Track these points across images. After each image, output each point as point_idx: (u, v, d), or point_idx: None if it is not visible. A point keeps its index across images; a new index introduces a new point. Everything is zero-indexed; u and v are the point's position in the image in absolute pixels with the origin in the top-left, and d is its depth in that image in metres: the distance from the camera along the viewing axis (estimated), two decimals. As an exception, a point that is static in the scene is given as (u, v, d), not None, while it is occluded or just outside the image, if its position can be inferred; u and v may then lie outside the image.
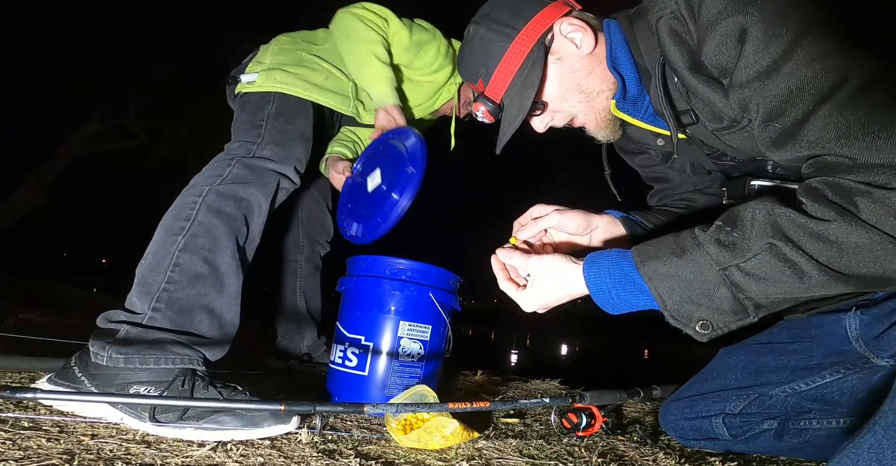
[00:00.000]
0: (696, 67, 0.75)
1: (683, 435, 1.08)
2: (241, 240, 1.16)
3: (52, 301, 4.39)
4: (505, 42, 0.89)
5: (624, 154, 1.14)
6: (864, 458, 0.61)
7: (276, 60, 1.44)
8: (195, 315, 1.06)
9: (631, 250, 0.73)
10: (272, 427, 0.92)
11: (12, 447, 0.75)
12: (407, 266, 1.26)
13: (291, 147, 1.30)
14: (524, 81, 0.89)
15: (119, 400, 0.89)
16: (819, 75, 0.61)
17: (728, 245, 0.65)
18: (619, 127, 0.97)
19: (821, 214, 0.60)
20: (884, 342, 0.86)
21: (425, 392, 1.05)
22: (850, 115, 0.59)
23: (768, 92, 0.65)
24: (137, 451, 0.80)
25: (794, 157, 0.67)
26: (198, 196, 1.14)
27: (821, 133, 0.62)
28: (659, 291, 0.69)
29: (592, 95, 0.91)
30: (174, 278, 1.06)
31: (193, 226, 1.10)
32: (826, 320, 0.95)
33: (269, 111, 1.34)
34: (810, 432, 0.98)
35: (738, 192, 0.89)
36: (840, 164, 0.61)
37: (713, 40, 0.68)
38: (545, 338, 15.24)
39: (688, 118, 0.84)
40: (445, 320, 1.30)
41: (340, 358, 1.26)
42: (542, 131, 0.97)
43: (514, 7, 0.91)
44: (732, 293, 0.65)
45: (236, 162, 1.22)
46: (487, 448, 0.98)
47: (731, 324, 0.68)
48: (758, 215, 0.64)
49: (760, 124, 0.69)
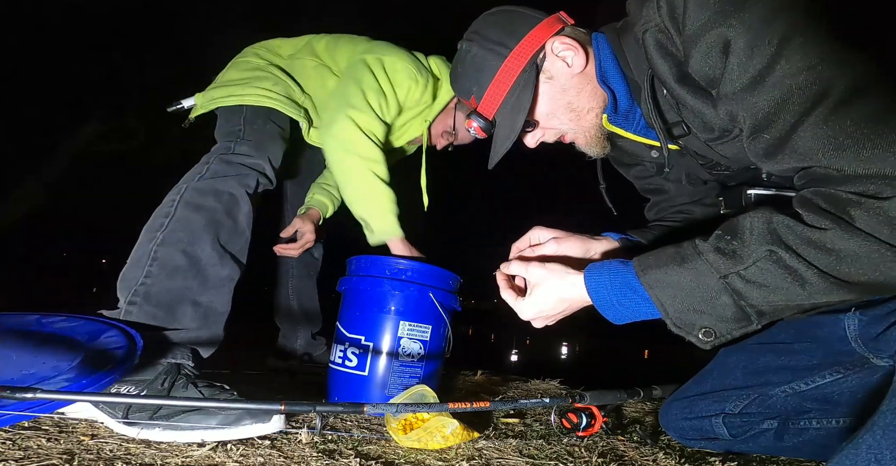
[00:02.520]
0: (684, 79, 0.75)
1: (683, 435, 1.09)
2: (224, 232, 1.15)
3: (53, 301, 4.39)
4: (497, 61, 0.90)
5: (619, 167, 1.14)
6: (862, 458, 0.61)
7: (233, 77, 1.44)
8: (177, 309, 1.06)
9: (632, 260, 0.74)
10: (249, 426, 0.89)
11: (12, 447, 0.75)
12: (407, 266, 1.26)
13: (267, 144, 1.32)
14: (516, 100, 0.90)
15: (97, 399, 0.85)
16: (803, 87, 0.61)
17: (728, 253, 0.65)
18: (608, 142, 0.98)
19: (816, 223, 0.61)
20: (883, 342, 0.86)
21: (425, 392, 1.05)
22: (835, 126, 0.59)
23: (754, 104, 0.65)
24: (137, 451, 0.80)
25: (785, 168, 0.67)
26: (177, 193, 1.16)
27: (808, 145, 0.62)
28: (660, 299, 0.69)
29: (582, 113, 0.92)
30: (152, 271, 1.06)
31: (172, 222, 1.11)
32: (825, 320, 0.96)
33: (245, 115, 1.35)
34: (810, 432, 0.98)
35: (736, 201, 0.89)
36: (829, 175, 0.61)
37: (698, 52, 0.68)
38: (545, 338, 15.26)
39: (679, 130, 0.84)
40: (445, 320, 1.30)
41: (340, 358, 1.26)
42: (532, 147, 0.99)
43: (506, 24, 0.92)
44: (734, 301, 0.65)
45: (215, 158, 1.24)
46: (487, 448, 0.98)
47: (733, 332, 0.68)
48: (756, 223, 0.64)
49: (748, 136, 0.69)
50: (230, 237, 1.17)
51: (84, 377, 0.81)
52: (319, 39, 1.55)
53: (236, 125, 1.33)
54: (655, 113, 0.83)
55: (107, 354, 0.89)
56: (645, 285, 0.70)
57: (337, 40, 1.54)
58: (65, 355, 0.87)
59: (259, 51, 1.52)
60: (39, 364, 0.85)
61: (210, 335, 1.10)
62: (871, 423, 0.63)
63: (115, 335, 0.94)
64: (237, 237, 1.19)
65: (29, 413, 0.77)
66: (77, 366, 0.84)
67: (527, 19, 0.91)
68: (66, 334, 0.97)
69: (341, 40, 1.54)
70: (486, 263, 0.92)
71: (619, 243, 0.98)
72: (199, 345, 1.08)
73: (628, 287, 0.73)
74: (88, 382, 0.81)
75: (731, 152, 0.82)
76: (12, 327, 1.00)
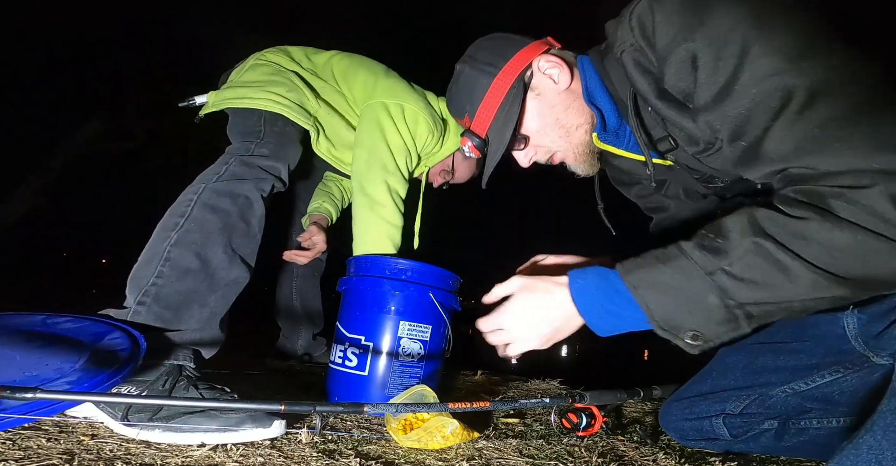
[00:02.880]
0: (663, 95, 0.77)
1: (684, 436, 1.09)
2: (236, 236, 1.15)
3: (53, 301, 4.39)
4: (487, 79, 0.94)
5: (620, 187, 1.15)
6: (863, 458, 0.61)
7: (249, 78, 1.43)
8: (184, 311, 1.05)
9: (616, 264, 0.72)
10: (250, 430, 0.88)
11: (12, 447, 0.75)
12: (407, 266, 1.26)
13: (288, 148, 1.32)
14: (505, 115, 0.92)
15: (98, 400, 0.84)
16: (766, 93, 0.63)
17: (712, 250, 0.65)
18: (598, 161, 1.00)
19: (798, 213, 0.60)
20: (883, 340, 0.86)
21: (425, 392, 1.05)
22: (803, 127, 0.61)
23: (726, 114, 0.67)
24: (137, 451, 0.80)
25: (763, 173, 0.68)
26: (194, 193, 1.15)
27: (779, 148, 0.63)
28: (645, 300, 0.68)
29: (571, 129, 0.94)
30: (164, 272, 1.05)
31: (187, 222, 1.11)
32: (823, 319, 0.96)
33: (264, 116, 1.34)
34: (811, 431, 0.98)
35: None
36: (805, 174, 0.62)
37: (670, 68, 0.71)
38: (545, 338, 15.20)
39: (666, 145, 0.85)
40: (446, 320, 1.30)
41: (340, 358, 1.26)
42: (525, 166, 1.01)
43: (496, 47, 0.97)
44: (721, 300, 0.64)
45: (234, 160, 1.23)
46: (487, 448, 0.98)
47: (722, 335, 0.67)
48: (738, 218, 0.65)
49: (727, 145, 0.71)
50: (242, 241, 1.16)
51: (87, 380, 0.81)
52: (340, 61, 1.53)
53: (256, 126, 1.32)
54: (640, 129, 0.85)
55: (111, 356, 0.88)
56: (629, 285, 0.69)
57: (356, 69, 1.52)
58: (69, 357, 0.87)
59: (279, 55, 1.49)
60: (43, 366, 0.85)
61: (212, 336, 1.10)
62: (872, 423, 0.63)
63: (119, 337, 0.94)
64: (248, 241, 1.18)
65: (33, 415, 0.77)
66: (80, 369, 0.84)
67: (515, 42, 0.96)
68: (70, 335, 0.97)
69: (360, 70, 1.51)
70: (487, 263, 0.93)
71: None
72: (202, 346, 1.08)
73: (612, 289, 0.71)
74: (91, 385, 0.81)
75: (718, 164, 0.83)
76: (17, 327, 1.00)
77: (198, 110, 1.45)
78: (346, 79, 1.51)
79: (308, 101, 1.43)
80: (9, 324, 1.02)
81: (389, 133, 1.44)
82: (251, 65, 1.46)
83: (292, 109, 1.37)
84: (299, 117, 1.38)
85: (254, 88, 1.36)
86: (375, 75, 1.50)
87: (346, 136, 1.51)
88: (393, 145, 1.44)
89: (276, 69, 1.44)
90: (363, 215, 1.41)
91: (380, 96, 1.46)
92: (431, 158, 1.65)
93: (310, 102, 1.43)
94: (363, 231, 1.41)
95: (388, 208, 1.41)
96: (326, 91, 1.49)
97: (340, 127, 1.50)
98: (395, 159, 1.44)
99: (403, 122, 1.47)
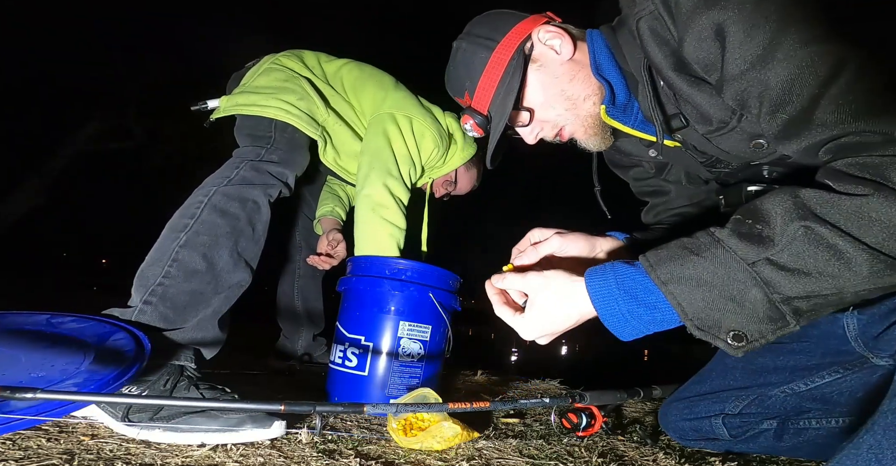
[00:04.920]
0: (681, 67, 0.73)
1: (683, 436, 1.09)
2: (243, 240, 1.17)
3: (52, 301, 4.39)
4: (486, 53, 0.91)
5: (616, 169, 1.13)
6: (863, 458, 0.61)
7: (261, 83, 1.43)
8: (188, 311, 1.06)
9: (639, 257, 0.65)
10: (250, 431, 0.88)
11: (12, 447, 0.75)
12: (407, 266, 1.26)
13: (297, 155, 1.34)
14: (507, 88, 0.89)
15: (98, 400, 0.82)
16: (816, 58, 0.59)
17: (753, 237, 0.57)
18: (610, 135, 0.95)
19: (852, 190, 0.53)
20: (883, 341, 0.85)
21: (428, 395, 1.05)
22: (862, 92, 0.57)
23: (767, 81, 0.62)
24: (137, 451, 0.80)
25: (810, 144, 0.62)
26: (205, 196, 1.16)
27: (836, 114, 0.58)
28: (676, 296, 0.60)
29: (578, 100, 0.90)
30: (171, 272, 1.06)
31: (196, 224, 1.12)
32: (823, 320, 0.95)
33: (276, 121, 1.35)
34: (810, 431, 0.98)
35: (736, 199, 0.88)
36: (863, 142, 0.56)
37: (691, 36, 0.66)
38: (545, 338, 15.22)
39: (678, 122, 0.83)
40: (445, 320, 1.30)
41: (340, 358, 1.26)
42: (532, 142, 0.96)
43: (493, 22, 0.93)
44: (766, 295, 0.57)
45: (245, 164, 1.24)
46: (487, 448, 0.98)
47: (767, 335, 0.58)
48: (779, 199, 0.58)
49: (766, 117, 0.65)
50: (247, 245, 1.18)
51: (92, 382, 0.81)
52: (350, 71, 1.54)
53: (267, 131, 1.33)
54: (655, 103, 0.80)
55: (115, 358, 0.88)
56: (657, 281, 0.61)
57: (366, 81, 1.53)
58: (73, 358, 0.87)
59: (293, 60, 1.49)
60: (48, 367, 0.85)
61: (214, 337, 1.11)
62: (872, 423, 0.63)
63: (123, 338, 0.94)
64: (253, 245, 1.20)
65: (43, 417, 0.76)
66: (85, 371, 0.84)
67: (513, 16, 0.93)
68: (75, 335, 0.97)
69: (369, 82, 1.53)
70: (487, 263, 0.91)
71: (623, 243, 0.96)
72: (203, 346, 1.08)
73: (639, 286, 0.63)
74: (97, 387, 0.81)
75: (728, 145, 0.81)
76: (21, 326, 1.00)
77: (207, 114, 1.46)
78: (356, 90, 1.53)
79: (318, 110, 1.44)
80: (12, 323, 1.02)
81: (395, 142, 1.46)
82: (265, 69, 1.46)
83: (301, 119, 1.38)
84: (308, 127, 1.39)
85: (265, 96, 1.37)
86: (385, 89, 1.52)
87: (353, 146, 1.53)
88: (398, 153, 1.46)
89: (290, 75, 1.44)
90: (366, 217, 1.41)
91: (389, 108, 1.48)
92: (435, 171, 1.68)
93: (319, 111, 1.44)
94: (366, 232, 1.41)
95: (391, 209, 1.42)
96: (335, 100, 1.50)
97: (347, 137, 1.51)
98: (399, 167, 1.46)
99: (410, 133, 1.49)
